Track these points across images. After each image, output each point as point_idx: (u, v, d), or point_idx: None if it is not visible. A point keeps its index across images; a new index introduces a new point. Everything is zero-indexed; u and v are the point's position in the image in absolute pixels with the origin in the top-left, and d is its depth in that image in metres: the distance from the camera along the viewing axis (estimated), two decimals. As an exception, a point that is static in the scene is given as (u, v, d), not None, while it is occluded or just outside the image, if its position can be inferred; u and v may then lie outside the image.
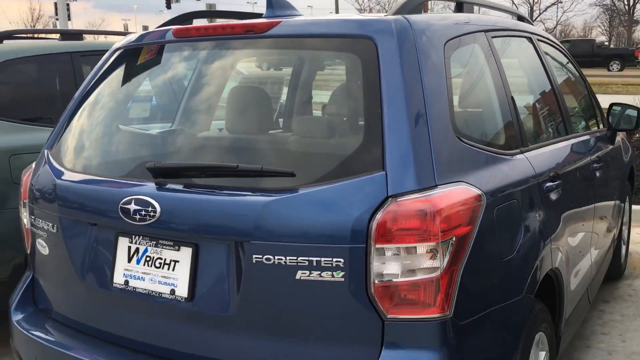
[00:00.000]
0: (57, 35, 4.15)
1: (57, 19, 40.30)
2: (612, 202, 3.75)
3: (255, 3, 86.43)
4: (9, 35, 3.91)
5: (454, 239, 1.68)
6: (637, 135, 8.44)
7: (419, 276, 1.66)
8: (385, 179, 1.68)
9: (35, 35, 4.62)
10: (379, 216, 1.65)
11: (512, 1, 48.34)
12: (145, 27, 66.92)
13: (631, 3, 77.27)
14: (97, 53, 4.10)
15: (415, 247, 1.65)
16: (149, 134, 2.52)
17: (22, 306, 2.32)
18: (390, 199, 1.66)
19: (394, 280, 1.65)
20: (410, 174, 1.69)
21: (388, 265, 1.65)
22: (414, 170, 1.70)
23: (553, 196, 2.41)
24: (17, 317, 2.29)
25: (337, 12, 38.91)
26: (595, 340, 3.57)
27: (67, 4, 37.14)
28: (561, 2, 38.52)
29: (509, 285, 1.96)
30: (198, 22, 2.42)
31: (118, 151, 2.30)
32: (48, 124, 3.64)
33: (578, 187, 2.87)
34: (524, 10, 35.31)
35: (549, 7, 36.33)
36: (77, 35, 4.14)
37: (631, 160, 4.42)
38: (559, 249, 2.40)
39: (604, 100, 4.19)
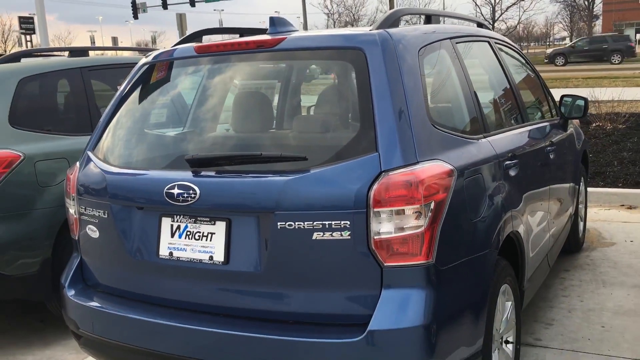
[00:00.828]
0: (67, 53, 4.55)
1: (21, 33, 39.90)
2: (566, 182, 4.29)
3: (222, 10, 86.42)
4: (29, 53, 4.31)
5: (433, 203, 2.18)
6: (594, 124, 9.10)
7: (408, 232, 2.14)
8: (379, 158, 2.17)
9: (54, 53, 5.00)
10: (375, 187, 2.13)
11: (475, 2, 49.63)
12: (114, 38, 66.69)
13: (590, -1, 79.38)
14: (102, 67, 4.56)
15: (403, 210, 2.14)
16: (174, 134, 2.98)
17: (73, 283, 2.75)
18: (383, 173, 2.15)
19: (389, 236, 2.14)
20: (398, 154, 2.19)
21: (383, 225, 2.14)
22: (400, 151, 2.19)
23: (512, 172, 2.93)
24: (71, 292, 2.72)
25: (304, 15, 39.55)
26: (557, 302, 4.11)
27: (32, 18, 36.90)
28: (523, 0, 39.88)
29: (478, 241, 2.46)
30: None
31: (152, 149, 2.76)
32: (65, 132, 4.05)
33: (533, 165, 3.39)
34: (486, 11, 36.62)
35: (510, 7, 37.68)
36: (84, 52, 4.55)
37: (584, 146, 4.97)
38: (518, 216, 2.91)
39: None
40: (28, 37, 42.36)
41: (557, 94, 4.66)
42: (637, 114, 10.35)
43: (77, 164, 2.82)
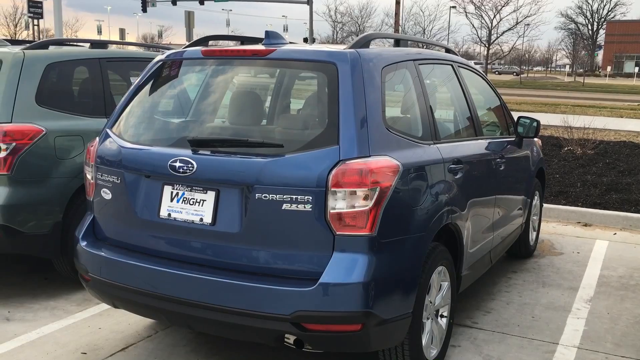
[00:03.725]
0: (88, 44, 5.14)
1: (29, 16, 40.24)
2: (516, 192, 4.88)
3: (230, 10, 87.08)
4: (56, 42, 4.89)
5: (378, 188, 2.77)
6: (565, 148, 9.73)
7: (357, 209, 2.73)
8: (339, 150, 2.77)
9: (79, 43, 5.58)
10: (333, 172, 2.73)
11: (472, 25, 50.78)
12: (121, 30, 67.39)
13: (594, 28, 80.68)
14: (119, 59, 5.15)
15: (355, 191, 2.73)
16: (179, 120, 3.58)
17: (86, 236, 3.32)
18: (341, 162, 2.75)
19: (341, 211, 2.73)
20: (354, 148, 2.78)
21: (338, 202, 2.73)
22: (356, 146, 2.79)
23: (455, 175, 3.52)
24: (83, 243, 3.29)
25: (311, 22, 40.30)
26: (499, 295, 4.72)
27: (41, 2, 37.34)
28: (520, 25, 40.95)
29: (416, 224, 3.05)
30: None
31: (160, 130, 3.35)
32: (82, 113, 4.63)
33: (479, 172, 3.98)
34: (483, 33, 37.76)
35: (505, 31, 38.82)
36: (104, 44, 5.14)
37: (539, 163, 5.57)
38: (458, 211, 3.50)
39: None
40: (35, 22, 42.85)
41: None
42: (606, 142, 11.02)
43: (97, 138, 3.41)
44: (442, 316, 3.50)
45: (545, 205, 6.65)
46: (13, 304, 4.30)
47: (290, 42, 3.51)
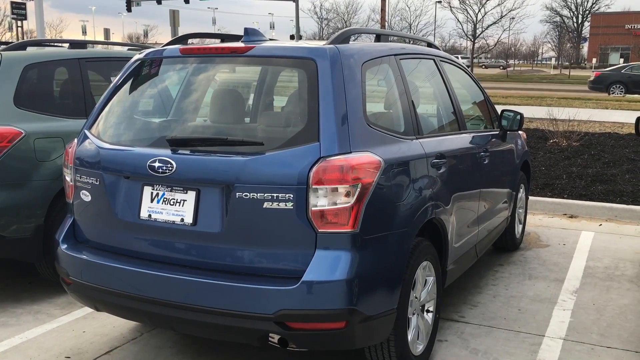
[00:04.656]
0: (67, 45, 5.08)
1: (13, 18, 39.93)
2: (501, 186, 4.89)
3: (216, 9, 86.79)
4: (34, 43, 4.83)
5: (360, 185, 2.75)
6: (551, 140, 9.77)
7: (338, 206, 2.71)
8: (319, 147, 2.74)
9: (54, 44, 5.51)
10: (314, 169, 2.70)
11: (458, 19, 51.07)
12: (106, 30, 66.81)
13: (579, 21, 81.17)
14: (99, 59, 5.09)
15: (337, 188, 2.71)
16: (158, 120, 3.54)
17: (66, 239, 3.28)
18: (321, 159, 2.72)
19: (323, 208, 2.71)
20: (335, 144, 2.76)
21: (320, 199, 2.71)
22: (337, 142, 2.77)
23: (439, 169, 3.51)
24: (64, 246, 3.25)
25: (297, 19, 40.23)
26: (486, 289, 4.72)
27: (24, 4, 36.98)
28: (504, 19, 41.12)
29: (399, 220, 3.03)
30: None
31: (139, 130, 3.31)
32: (62, 115, 4.57)
33: (463, 166, 3.97)
34: (468, 28, 37.91)
35: (490, 25, 38.96)
36: (83, 44, 5.08)
37: (524, 156, 5.58)
38: (442, 206, 3.49)
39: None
40: (19, 23, 42.43)
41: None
42: (591, 133, 11.08)
43: (75, 140, 3.36)
44: (428, 311, 3.50)
45: (531, 197, 6.68)
46: (-4, 309, 4.25)
47: (270, 39, 3.48)
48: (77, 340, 3.76)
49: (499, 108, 5.11)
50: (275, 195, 2.71)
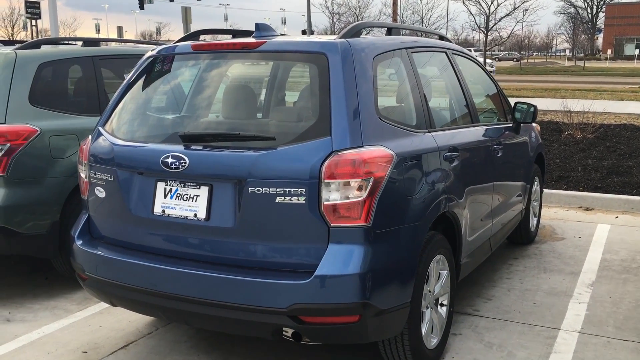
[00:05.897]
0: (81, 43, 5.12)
1: (27, 17, 40.34)
2: (515, 179, 4.85)
3: (228, 5, 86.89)
4: (48, 42, 4.87)
5: (372, 179, 2.75)
6: (565, 133, 9.69)
7: (351, 200, 2.71)
8: (331, 141, 2.74)
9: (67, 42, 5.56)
10: (326, 163, 2.70)
11: (470, 12, 50.72)
12: (119, 28, 67.19)
13: (594, 12, 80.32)
14: (112, 57, 5.12)
15: (349, 182, 2.71)
16: (171, 116, 3.56)
17: (82, 235, 3.31)
18: (333, 153, 2.72)
19: (335, 202, 2.71)
20: (347, 138, 2.76)
21: (332, 194, 2.71)
22: (349, 136, 2.76)
23: (451, 163, 3.50)
24: (79, 242, 3.28)
25: (309, 14, 40.20)
26: (500, 282, 4.70)
27: (38, 3, 37.31)
28: (517, 10, 40.67)
29: (412, 214, 3.03)
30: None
31: (152, 127, 3.33)
32: (76, 112, 4.61)
33: (476, 159, 3.95)
34: (481, 20, 37.59)
35: (503, 17, 38.49)
36: (96, 42, 5.12)
37: (538, 149, 5.53)
38: (455, 199, 3.47)
39: None
40: (33, 22, 42.81)
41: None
42: (606, 125, 10.96)
43: (89, 136, 3.39)
44: (442, 305, 3.49)
45: (545, 190, 6.63)
46: (14, 304, 4.30)
47: (282, 34, 3.48)
48: (93, 335, 3.80)
49: (512, 100, 5.08)
50: (287, 189, 2.72)
